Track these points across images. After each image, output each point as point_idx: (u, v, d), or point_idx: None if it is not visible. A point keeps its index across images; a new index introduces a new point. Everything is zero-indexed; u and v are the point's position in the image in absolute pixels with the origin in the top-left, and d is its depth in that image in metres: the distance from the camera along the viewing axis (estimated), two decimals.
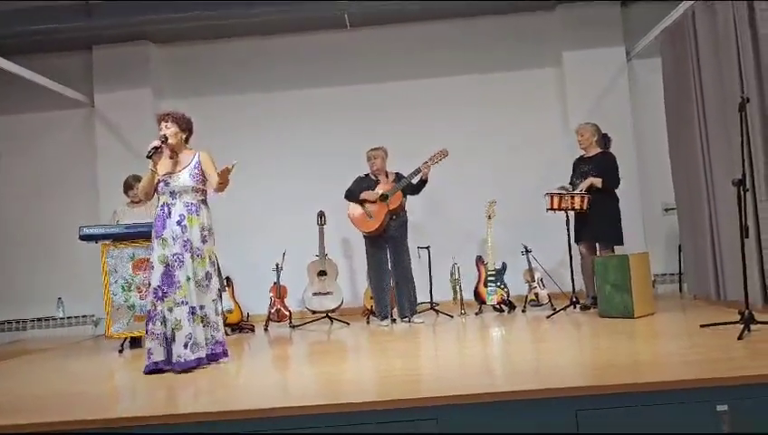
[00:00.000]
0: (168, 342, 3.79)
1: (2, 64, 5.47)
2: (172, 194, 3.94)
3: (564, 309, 5.26)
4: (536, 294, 5.76)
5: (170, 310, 3.78)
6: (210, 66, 6.87)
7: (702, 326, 3.93)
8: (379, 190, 5.45)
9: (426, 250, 5.91)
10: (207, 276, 3.93)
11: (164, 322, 3.79)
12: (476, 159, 6.52)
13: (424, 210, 6.34)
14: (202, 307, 3.88)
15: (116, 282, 4.99)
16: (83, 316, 6.71)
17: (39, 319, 6.75)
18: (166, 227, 3.88)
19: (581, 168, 5.50)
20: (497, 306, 5.72)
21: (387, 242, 5.50)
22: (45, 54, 6.63)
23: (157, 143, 3.90)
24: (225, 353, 4.01)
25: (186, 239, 3.86)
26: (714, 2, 4.89)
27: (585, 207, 5.15)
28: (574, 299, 5.29)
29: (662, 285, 6.46)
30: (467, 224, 6.37)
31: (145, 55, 6.75)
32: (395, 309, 5.58)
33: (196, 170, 3.99)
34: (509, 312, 5.68)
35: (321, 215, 6.09)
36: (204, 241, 3.94)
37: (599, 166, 5.38)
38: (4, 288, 6.69)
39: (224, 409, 2.76)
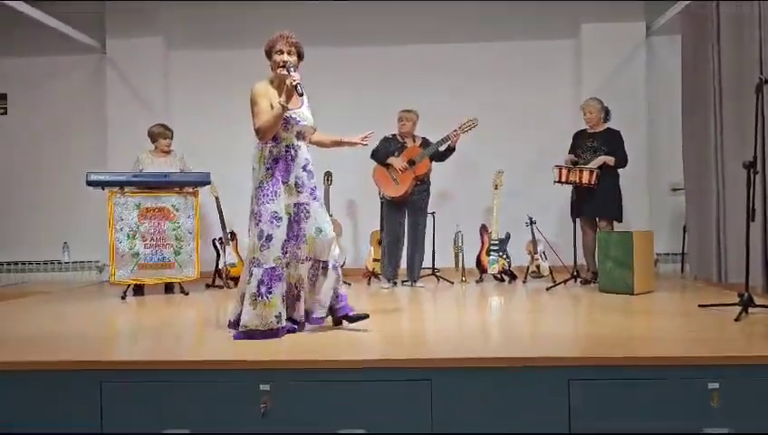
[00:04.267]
0: (292, 301, 3.41)
1: (13, 5, 5.41)
2: (298, 135, 3.36)
3: (565, 282, 5.28)
4: (538, 266, 5.78)
5: (295, 267, 3.36)
6: (224, 18, 6.76)
7: (700, 306, 3.96)
8: (404, 160, 5.36)
9: (431, 216, 5.92)
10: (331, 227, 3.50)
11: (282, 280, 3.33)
12: (487, 127, 6.41)
13: (431, 177, 6.31)
14: (336, 263, 3.46)
15: (121, 229, 5.02)
16: (88, 262, 6.79)
17: (45, 262, 6.83)
18: (291, 171, 3.31)
19: (588, 143, 5.41)
20: (498, 276, 5.75)
21: (406, 206, 5.47)
22: None
23: (298, 77, 3.18)
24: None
25: (312, 187, 3.39)
26: None
27: (594, 182, 5.11)
28: (575, 273, 5.30)
29: (664, 264, 6.46)
30: (473, 192, 6.36)
31: (158, 4, 6.66)
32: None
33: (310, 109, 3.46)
34: (510, 282, 5.72)
35: (327, 175, 6.07)
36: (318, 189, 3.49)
37: (608, 143, 5.29)
38: (11, 231, 6.76)
39: (210, 359, 2.82)
